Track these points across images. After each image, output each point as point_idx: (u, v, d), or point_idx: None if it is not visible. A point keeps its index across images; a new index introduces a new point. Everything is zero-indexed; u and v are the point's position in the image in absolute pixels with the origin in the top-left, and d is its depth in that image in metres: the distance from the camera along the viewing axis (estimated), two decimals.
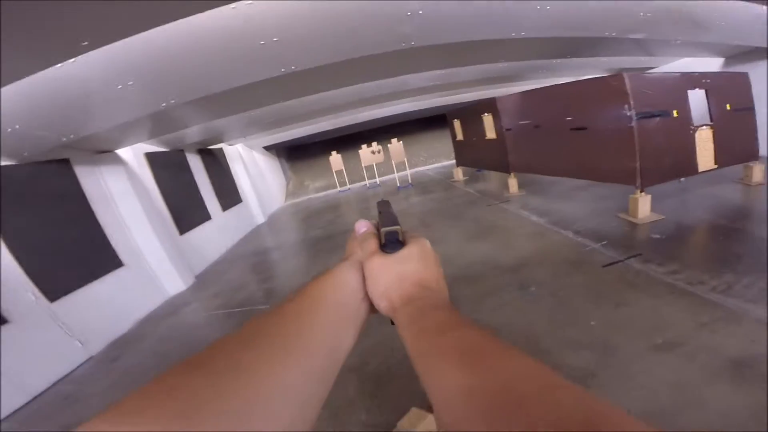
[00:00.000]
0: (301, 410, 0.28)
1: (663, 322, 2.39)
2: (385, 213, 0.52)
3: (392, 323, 0.39)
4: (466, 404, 0.23)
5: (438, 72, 5.38)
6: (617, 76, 3.99)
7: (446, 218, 5.75)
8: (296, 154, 13.45)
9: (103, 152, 4.72)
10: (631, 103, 3.90)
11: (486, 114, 6.43)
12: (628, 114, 3.94)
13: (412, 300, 0.37)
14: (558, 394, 0.21)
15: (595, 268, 3.29)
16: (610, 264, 3.29)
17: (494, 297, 3.13)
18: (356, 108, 7.52)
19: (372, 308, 0.42)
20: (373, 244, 0.43)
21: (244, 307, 4.14)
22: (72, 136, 3.53)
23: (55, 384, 3.36)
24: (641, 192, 4.06)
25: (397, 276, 0.40)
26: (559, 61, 5.52)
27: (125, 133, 4.44)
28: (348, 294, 0.39)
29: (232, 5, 2.07)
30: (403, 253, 0.42)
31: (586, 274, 3.21)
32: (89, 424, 0.20)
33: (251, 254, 6.44)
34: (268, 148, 11.31)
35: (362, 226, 0.48)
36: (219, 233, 7.07)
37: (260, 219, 9.23)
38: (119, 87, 2.72)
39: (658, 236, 3.66)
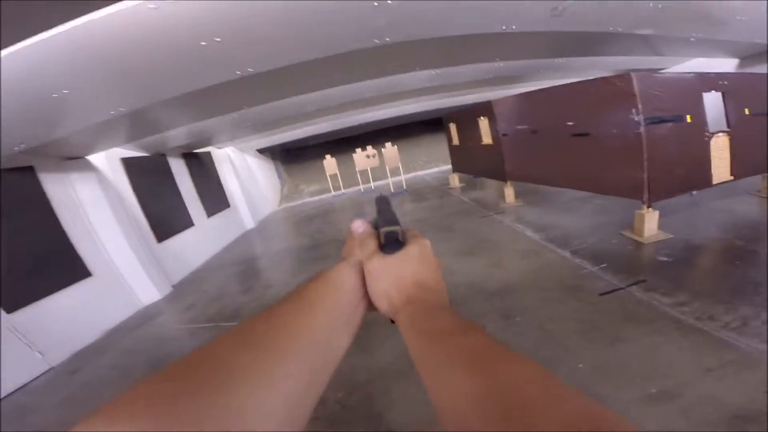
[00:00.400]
0: (293, 410, 0.27)
1: (662, 365, 2.06)
2: (383, 210, 0.49)
3: (392, 321, 0.39)
4: (474, 408, 0.24)
5: (431, 72, 5.03)
6: (624, 76, 3.57)
7: (437, 230, 5.38)
8: (292, 156, 13.15)
9: (72, 158, 4.48)
10: (640, 106, 3.47)
11: (482, 117, 6.03)
12: (636, 119, 3.51)
13: (413, 301, 0.38)
14: (565, 401, 0.22)
15: (591, 295, 2.90)
16: (609, 292, 2.90)
17: None
18: (350, 110, 7.19)
19: (370, 306, 0.42)
20: (372, 244, 0.43)
21: (212, 323, 3.91)
22: (23, 145, 3.30)
23: (11, 394, 3.30)
24: (648, 207, 3.65)
25: (397, 276, 0.39)
26: (561, 60, 5.10)
27: (94, 139, 4.22)
28: (345, 295, 0.39)
29: (151, 4, 1.78)
30: (403, 253, 0.41)
31: (580, 303, 2.83)
32: (84, 424, 0.19)
33: (234, 263, 6.17)
34: (261, 151, 11.06)
35: (359, 226, 0.46)
36: (202, 240, 6.82)
37: (250, 224, 8.95)
38: (55, 96, 2.47)
39: (665, 259, 3.25)
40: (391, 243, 0.41)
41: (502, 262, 3.83)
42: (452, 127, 7.63)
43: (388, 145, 9.01)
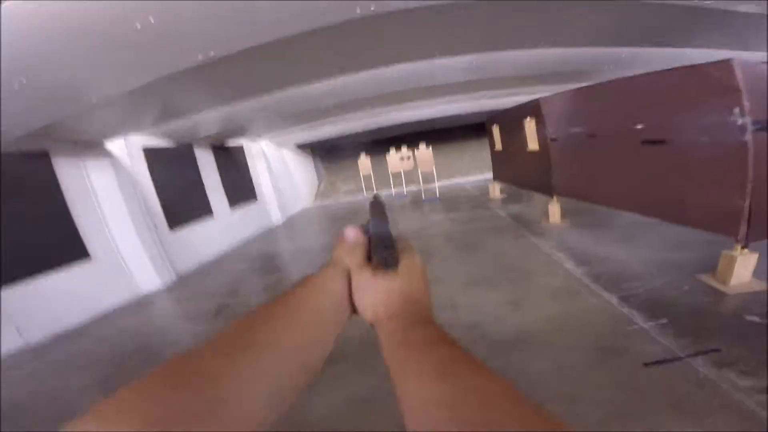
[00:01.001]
0: (273, 405, 0.29)
1: None
2: (377, 220, 0.47)
3: (371, 325, 0.40)
4: (438, 412, 0.25)
5: (465, 62, 4.24)
6: (721, 63, 2.52)
7: (460, 248, 4.57)
8: (332, 154, 12.91)
9: (89, 144, 4.48)
10: (745, 105, 2.41)
11: (528, 119, 5.05)
12: (739, 122, 2.45)
13: (398, 314, 0.38)
14: (520, 409, 0.23)
15: (632, 364, 2.01)
16: (658, 362, 1.96)
17: None
18: (380, 106, 6.61)
19: (354, 310, 0.42)
20: (361, 256, 0.43)
21: (193, 323, 3.70)
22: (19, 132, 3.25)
23: None
24: (743, 248, 2.55)
25: (386, 292, 0.39)
26: (628, 51, 3.97)
27: (107, 126, 4.18)
28: (330, 301, 0.39)
29: None
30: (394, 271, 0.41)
31: (611, 374, 1.97)
32: (76, 423, 0.20)
33: (249, 258, 5.95)
34: (302, 147, 10.92)
35: (351, 234, 0.45)
36: (220, 231, 6.70)
37: (277, 220, 8.74)
38: (16, 87, 2.29)
39: (755, 319, 2.22)
40: (383, 263, 0.41)
41: (523, 300, 2.96)
42: (495, 130, 6.64)
43: (422, 146, 8.22)
